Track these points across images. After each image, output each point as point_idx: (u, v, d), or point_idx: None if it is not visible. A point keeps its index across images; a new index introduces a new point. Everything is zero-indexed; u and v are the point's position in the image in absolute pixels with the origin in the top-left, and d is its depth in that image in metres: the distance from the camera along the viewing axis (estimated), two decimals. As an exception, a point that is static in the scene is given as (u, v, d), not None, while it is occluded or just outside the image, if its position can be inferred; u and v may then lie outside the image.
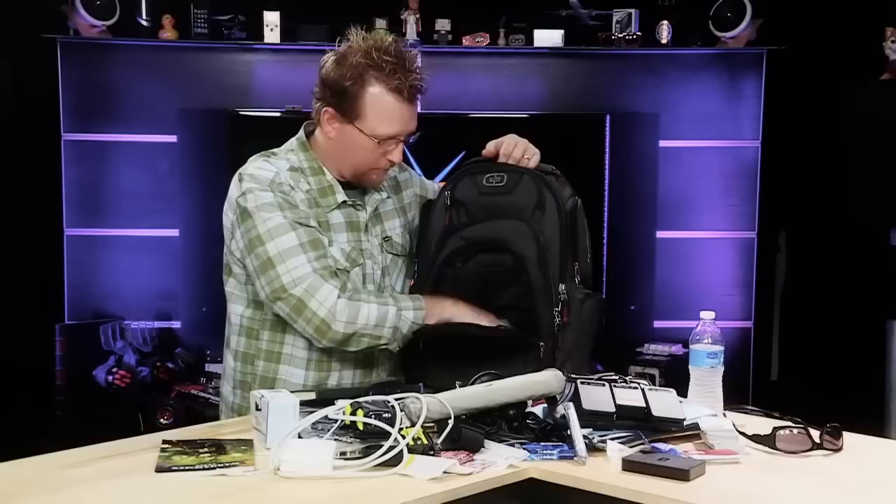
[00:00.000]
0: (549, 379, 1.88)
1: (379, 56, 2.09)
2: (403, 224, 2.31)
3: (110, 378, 4.44)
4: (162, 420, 4.37)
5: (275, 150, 2.25)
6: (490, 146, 2.24)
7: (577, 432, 1.75)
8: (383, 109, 2.11)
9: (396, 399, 1.76)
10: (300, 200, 2.13)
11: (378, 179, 2.22)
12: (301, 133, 2.25)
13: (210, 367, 4.56)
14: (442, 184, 2.33)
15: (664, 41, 4.72)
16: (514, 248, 2.12)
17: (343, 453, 1.69)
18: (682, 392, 2.02)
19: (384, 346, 2.11)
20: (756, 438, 1.84)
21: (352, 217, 2.21)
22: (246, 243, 2.11)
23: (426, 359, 2.19)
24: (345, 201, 2.20)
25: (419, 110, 2.20)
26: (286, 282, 2.06)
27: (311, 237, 2.09)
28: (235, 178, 2.18)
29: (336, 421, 1.75)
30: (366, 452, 1.68)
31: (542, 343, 2.09)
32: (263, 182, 2.13)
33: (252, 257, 2.11)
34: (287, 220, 2.09)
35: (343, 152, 2.17)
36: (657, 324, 4.89)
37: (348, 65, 2.10)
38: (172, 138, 4.70)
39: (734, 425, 1.87)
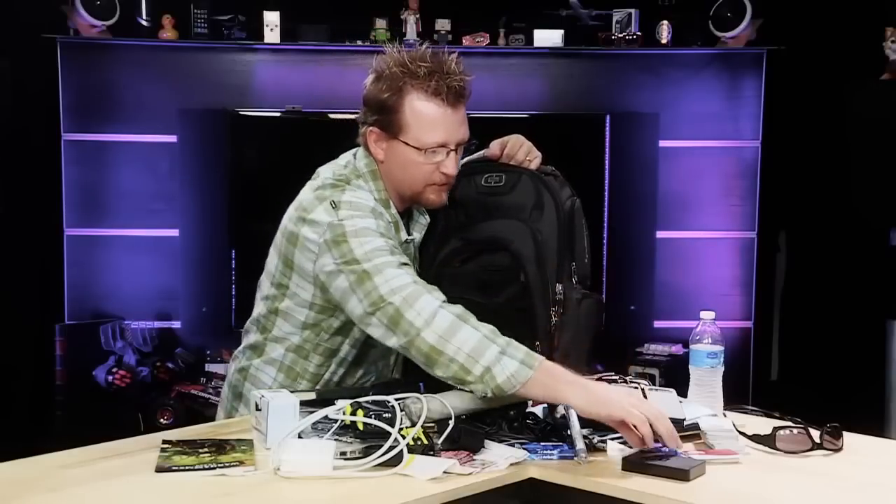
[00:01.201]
0: (549, 379, 1.88)
1: (414, 63, 2.03)
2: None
3: (110, 378, 4.44)
4: (162, 420, 4.36)
5: (338, 177, 2.10)
6: (495, 147, 2.23)
7: (577, 432, 1.75)
8: (424, 116, 2.05)
9: (396, 399, 1.76)
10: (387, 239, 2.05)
11: (438, 199, 2.12)
12: (371, 161, 2.13)
13: (210, 367, 4.56)
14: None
15: (664, 41, 4.72)
16: (511, 247, 2.12)
17: (343, 453, 1.69)
18: (682, 392, 2.02)
19: (470, 387, 1.85)
20: (756, 438, 1.84)
21: (407, 251, 2.15)
22: (341, 264, 1.98)
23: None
24: (406, 240, 2.15)
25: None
26: (384, 292, 1.91)
27: (406, 260, 2.00)
28: (325, 204, 2.03)
29: (336, 421, 1.75)
30: (366, 452, 1.68)
31: (538, 342, 2.09)
32: (365, 209, 2.03)
33: (346, 276, 1.97)
34: (387, 245, 1.98)
35: (396, 172, 2.10)
36: (657, 324, 4.88)
37: (385, 77, 2.05)
38: (172, 138, 4.69)
39: (734, 425, 1.87)
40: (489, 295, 2.14)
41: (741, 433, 1.86)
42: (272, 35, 4.57)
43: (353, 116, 2.19)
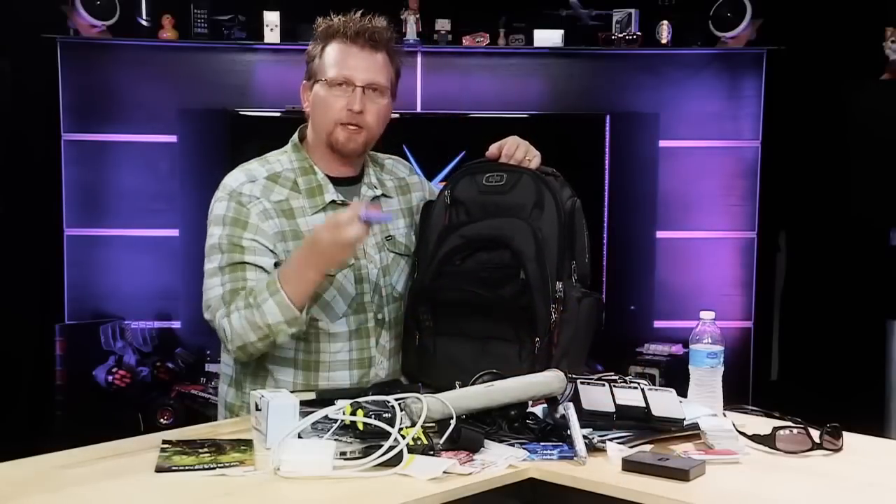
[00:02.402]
0: (550, 380, 1.89)
1: (339, 20, 2.19)
2: (409, 224, 2.32)
3: (110, 378, 4.44)
4: (162, 420, 4.37)
5: (271, 153, 2.28)
6: (493, 148, 2.24)
7: (577, 432, 1.76)
8: (333, 54, 2.18)
9: (396, 399, 1.76)
10: (257, 213, 2.15)
11: (346, 141, 2.19)
12: (295, 135, 2.28)
13: (210, 367, 4.55)
14: (443, 184, 2.34)
15: (664, 41, 4.72)
16: (512, 244, 2.13)
17: (343, 453, 1.69)
18: (682, 392, 2.02)
19: (280, 340, 2.06)
20: (756, 438, 1.84)
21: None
22: None
23: (424, 354, 2.20)
24: (333, 201, 2.20)
25: (419, 111, 2.20)
26: (204, 301, 2.17)
27: (232, 261, 2.13)
28: None
29: (336, 421, 1.75)
30: (366, 452, 1.68)
31: (538, 339, 2.09)
32: (226, 189, 2.19)
33: None
34: (222, 239, 2.15)
35: (315, 117, 2.22)
36: (657, 324, 4.88)
37: (316, 34, 2.22)
38: (172, 138, 4.69)
39: (734, 425, 1.87)
40: (489, 292, 2.14)
41: (741, 433, 1.85)
42: (272, 35, 4.57)
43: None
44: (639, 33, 4.70)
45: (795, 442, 1.82)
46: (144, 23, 4.58)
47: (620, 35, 4.70)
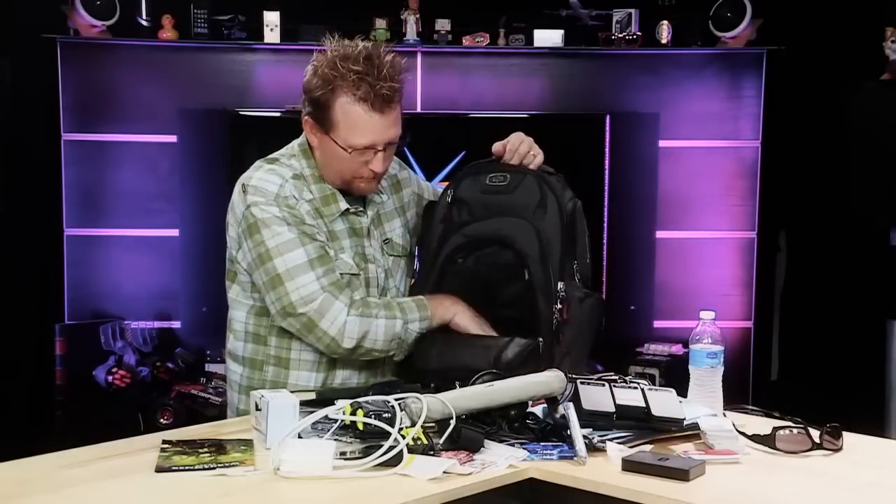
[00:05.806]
0: (550, 380, 1.89)
1: (345, 65, 2.06)
2: (403, 224, 2.32)
3: (110, 378, 4.43)
4: (162, 420, 4.36)
5: (276, 154, 2.23)
6: (497, 145, 2.24)
7: (577, 432, 1.76)
8: (352, 120, 2.09)
9: (396, 399, 1.76)
10: (306, 212, 2.13)
11: (367, 188, 2.20)
12: (304, 138, 2.23)
13: (210, 367, 4.56)
14: (443, 184, 2.33)
15: (664, 41, 4.72)
16: (516, 244, 2.13)
17: (343, 453, 1.69)
18: (682, 392, 2.02)
19: (396, 358, 2.16)
20: (756, 438, 1.84)
21: (354, 224, 2.21)
22: (255, 258, 2.11)
23: (425, 351, 2.20)
24: (347, 209, 2.19)
25: (419, 111, 2.19)
26: (295, 300, 2.07)
27: (319, 253, 2.09)
28: (239, 187, 2.16)
29: (336, 421, 1.75)
30: (366, 452, 1.68)
31: (541, 339, 2.09)
32: (269, 195, 2.12)
33: (261, 272, 2.10)
34: (295, 234, 2.09)
35: (327, 161, 2.17)
36: (657, 324, 4.88)
37: (318, 75, 2.09)
38: (172, 138, 4.69)
39: (734, 425, 1.87)
40: (492, 292, 2.14)
41: (741, 433, 1.86)
42: (272, 35, 4.57)
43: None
44: (639, 33, 4.70)
45: (795, 442, 1.82)
46: (144, 23, 4.58)
47: (620, 35, 4.70)
